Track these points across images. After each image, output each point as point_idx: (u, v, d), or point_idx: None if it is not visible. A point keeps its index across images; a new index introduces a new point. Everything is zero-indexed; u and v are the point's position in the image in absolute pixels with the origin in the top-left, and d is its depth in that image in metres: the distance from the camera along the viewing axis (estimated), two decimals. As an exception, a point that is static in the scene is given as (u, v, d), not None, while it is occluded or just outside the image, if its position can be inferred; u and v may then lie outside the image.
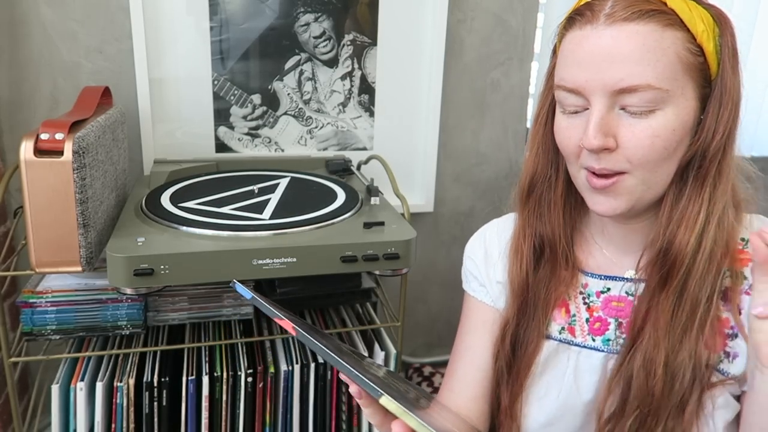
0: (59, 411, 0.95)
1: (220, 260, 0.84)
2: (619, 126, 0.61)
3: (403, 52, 1.34)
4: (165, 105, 1.24)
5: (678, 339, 0.65)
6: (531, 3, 1.41)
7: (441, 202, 1.49)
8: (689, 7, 0.60)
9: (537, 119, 0.74)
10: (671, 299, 0.65)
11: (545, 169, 0.74)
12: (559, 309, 0.75)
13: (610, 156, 0.62)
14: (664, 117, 0.60)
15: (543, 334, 0.74)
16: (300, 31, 1.27)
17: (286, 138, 1.33)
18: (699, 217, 0.63)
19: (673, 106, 0.60)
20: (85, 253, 0.82)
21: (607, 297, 0.73)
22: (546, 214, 0.75)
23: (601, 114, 0.61)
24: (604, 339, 0.72)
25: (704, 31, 0.60)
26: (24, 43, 1.16)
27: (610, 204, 0.65)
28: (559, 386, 0.73)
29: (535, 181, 0.75)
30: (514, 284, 0.77)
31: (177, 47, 1.22)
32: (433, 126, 1.39)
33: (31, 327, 0.93)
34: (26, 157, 0.78)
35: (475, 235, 0.86)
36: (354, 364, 0.53)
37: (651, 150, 0.61)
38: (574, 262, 0.75)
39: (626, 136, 0.61)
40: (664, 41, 0.59)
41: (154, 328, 1.06)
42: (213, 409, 0.98)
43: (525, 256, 0.76)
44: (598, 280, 0.74)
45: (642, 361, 0.66)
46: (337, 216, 0.97)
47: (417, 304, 1.56)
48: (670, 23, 0.59)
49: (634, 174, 0.63)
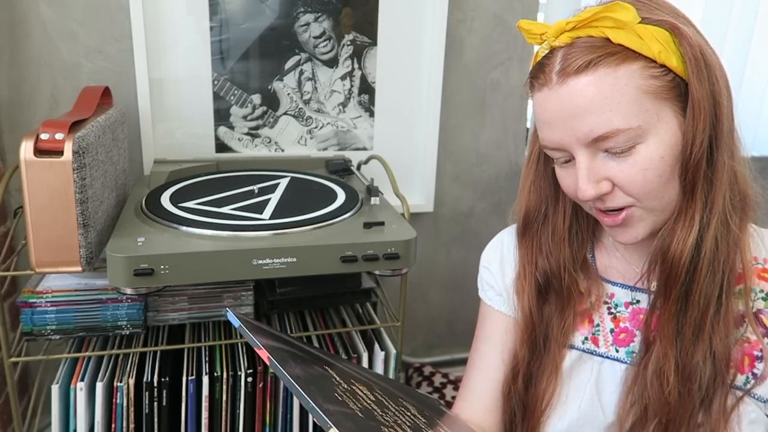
0: (59, 411, 0.95)
1: (220, 260, 0.84)
2: (608, 169, 0.62)
3: (403, 52, 1.34)
4: (165, 105, 1.24)
5: (690, 343, 0.64)
6: (531, 3, 1.41)
7: (441, 202, 1.49)
8: (638, 33, 0.58)
9: (529, 158, 0.74)
10: (674, 308, 0.64)
11: (539, 206, 0.74)
12: (582, 319, 0.74)
13: (612, 196, 0.63)
14: (647, 149, 0.60)
15: (559, 370, 0.73)
16: (300, 31, 1.27)
17: (286, 138, 1.33)
18: (694, 223, 0.62)
19: (653, 136, 0.60)
20: (85, 253, 0.82)
21: (636, 309, 0.72)
22: (547, 248, 0.74)
23: (586, 164, 0.62)
24: (628, 351, 0.71)
25: (661, 50, 0.58)
26: (24, 43, 1.16)
27: (630, 234, 0.65)
28: (581, 396, 0.72)
29: (530, 218, 0.75)
30: (520, 320, 0.76)
31: (177, 47, 1.22)
32: (433, 126, 1.39)
33: (31, 327, 0.93)
34: (26, 157, 0.78)
35: (491, 243, 0.85)
36: (317, 395, 0.54)
37: (645, 183, 0.61)
38: (597, 272, 0.75)
39: (618, 176, 0.61)
40: (619, 80, 0.58)
41: (154, 328, 1.06)
42: (213, 409, 0.98)
43: (527, 293, 0.75)
44: (627, 290, 0.73)
45: (654, 370, 0.66)
46: (337, 216, 0.97)
47: (417, 304, 1.56)
48: (622, 60, 0.58)
49: (641, 205, 0.63)
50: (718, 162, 0.62)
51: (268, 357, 0.57)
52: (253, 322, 0.65)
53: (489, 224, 1.55)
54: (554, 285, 0.74)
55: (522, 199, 0.76)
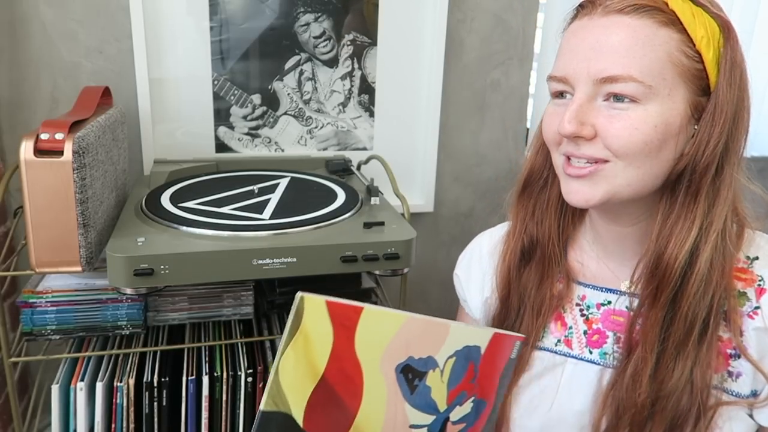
0: (59, 411, 0.95)
1: (220, 260, 0.84)
2: (598, 116, 0.61)
3: (403, 52, 1.34)
4: (165, 105, 1.24)
5: (671, 357, 0.63)
6: (531, 3, 1.41)
7: (441, 202, 1.49)
8: (693, 12, 0.60)
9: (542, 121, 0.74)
10: (660, 314, 0.64)
11: (542, 168, 0.74)
12: (555, 322, 0.74)
13: (591, 144, 0.62)
14: (645, 111, 0.59)
15: (531, 343, 0.73)
16: (300, 31, 1.27)
17: (286, 138, 1.33)
18: (690, 234, 0.61)
19: (656, 104, 0.59)
20: (85, 253, 0.82)
21: (608, 310, 0.72)
22: (539, 214, 0.74)
23: (580, 102, 0.61)
24: (601, 352, 0.71)
25: (704, 37, 0.59)
26: (24, 43, 1.16)
27: (584, 193, 0.64)
28: (552, 397, 0.72)
29: (532, 178, 0.75)
30: (498, 283, 0.77)
31: (177, 47, 1.22)
32: (433, 126, 1.39)
33: (31, 327, 0.93)
34: (26, 157, 0.78)
35: (464, 250, 0.89)
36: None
37: (629, 141, 0.60)
38: (568, 273, 0.74)
39: (604, 126, 0.60)
40: (656, 38, 0.59)
41: (154, 328, 1.06)
42: (213, 409, 0.98)
43: (511, 250, 0.76)
44: (598, 292, 0.73)
45: (631, 373, 0.65)
46: (337, 216, 0.97)
47: (417, 304, 1.56)
48: (666, 23, 0.59)
49: (616, 164, 0.61)
50: (726, 174, 0.61)
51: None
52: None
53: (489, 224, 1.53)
54: (537, 253, 0.74)
55: (529, 159, 0.76)
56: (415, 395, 0.56)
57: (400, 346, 0.54)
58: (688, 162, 0.61)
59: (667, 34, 0.59)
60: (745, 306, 0.65)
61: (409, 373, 0.55)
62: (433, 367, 0.56)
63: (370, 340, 0.53)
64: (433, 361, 0.56)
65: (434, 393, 0.57)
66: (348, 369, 0.53)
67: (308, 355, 0.51)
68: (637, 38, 0.59)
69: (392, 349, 0.54)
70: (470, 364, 0.59)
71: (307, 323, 0.51)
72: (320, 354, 0.52)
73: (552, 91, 0.66)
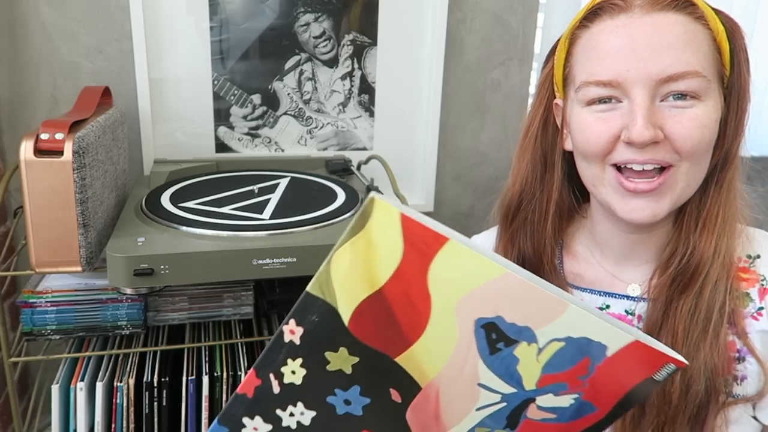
0: (59, 411, 0.95)
1: (220, 260, 0.84)
2: (664, 117, 0.58)
3: (403, 52, 1.34)
4: (165, 105, 1.24)
5: (694, 346, 0.62)
6: (531, 3, 1.41)
7: (441, 202, 1.49)
8: (710, 11, 0.60)
9: (527, 134, 0.71)
10: (689, 305, 0.62)
11: (533, 186, 0.71)
12: None
13: (657, 148, 0.58)
14: (706, 107, 0.58)
15: None
16: (300, 31, 1.27)
17: (286, 138, 1.33)
18: (718, 221, 0.61)
19: (711, 99, 0.59)
20: (85, 253, 0.82)
21: (607, 313, 0.70)
22: (532, 232, 0.72)
23: (647, 104, 0.57)
24: None
25: (722, 31, 0.60)
26: (24, 43, 1.16)
27: (651, 209, 0.60)
28: None
29: (523, 198, 0.72)
30: None
31: (177, 47, 1.22)
32: (433, 126, 1.39)
33: (31, 327, 0.93)
34: (26, 157, 0.78)
35: None
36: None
37: (700, 140, 0.58)
38: (565, 279, 0.72)
39: (675, 127, 0.57)
40: (699, 33, 0.58)
41: (154, 328, 1.06)
42: (213, 409, 0.98)
43: None
44: (597, 296, 0.70)
45: None
46: (337, 216, 0.97)
47: (417, 304, 1.55)
48: (699, 17, 0.59)
49: (679, 167, 0.59)
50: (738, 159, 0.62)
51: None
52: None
53: (489, 224, 1.55)
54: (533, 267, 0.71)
55: (516, 178, 0.73)
56: (494, 357, 0.47)
57: (488, 300, 0.45)
58: (723, 152, 0.61)
59: (703, 29, 0.59)
60: (748, 307, 0.64)
61: (492, 332, 0.46)
62: (529, 341, 0.47)
63: (448, 277, 0.44)
64: (531, 334, 0.47)
65: (522, 367, 0.48)
66: (413, 296, 0.45)
67: (368, 260, 0.44)
68: (688, 33, 0.57)
69: (475, 298, 0.45)
70: (585, 359, 0.49)
71: (373, 229, 0.43)
72: (383, 266, 0.44)
73: (591, 97, 0.61)
